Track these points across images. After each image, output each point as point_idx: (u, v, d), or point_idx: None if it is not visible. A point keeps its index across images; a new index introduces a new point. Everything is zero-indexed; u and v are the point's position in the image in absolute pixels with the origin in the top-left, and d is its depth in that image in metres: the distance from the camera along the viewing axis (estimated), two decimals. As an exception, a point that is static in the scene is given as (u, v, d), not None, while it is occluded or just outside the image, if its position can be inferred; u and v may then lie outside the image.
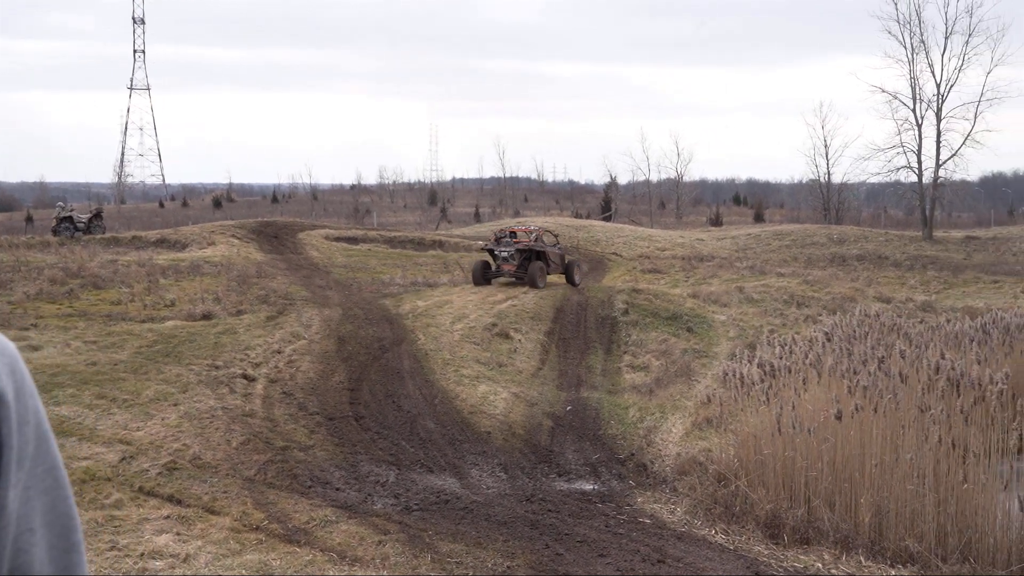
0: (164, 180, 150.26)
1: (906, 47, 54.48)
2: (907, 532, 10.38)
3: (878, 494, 10.82)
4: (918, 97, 54.39)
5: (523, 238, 28.60)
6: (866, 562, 10.20)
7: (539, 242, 28.67)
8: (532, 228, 29.91)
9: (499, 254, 28.06)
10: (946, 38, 53.99)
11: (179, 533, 10.34)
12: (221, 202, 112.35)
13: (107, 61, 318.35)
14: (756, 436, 12.42)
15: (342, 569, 9.67)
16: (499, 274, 28.07)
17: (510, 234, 28.91)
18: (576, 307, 24.40)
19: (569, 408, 16.58)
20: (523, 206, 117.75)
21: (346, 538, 10.49)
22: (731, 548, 10.81)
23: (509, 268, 27.77)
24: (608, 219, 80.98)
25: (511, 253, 27.75)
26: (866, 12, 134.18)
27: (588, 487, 13.12)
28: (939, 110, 54.01)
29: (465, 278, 30.98)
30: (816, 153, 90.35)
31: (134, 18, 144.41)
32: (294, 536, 10.52)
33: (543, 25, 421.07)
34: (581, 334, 22.33)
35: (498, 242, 28.49)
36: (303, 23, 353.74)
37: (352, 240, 45.17)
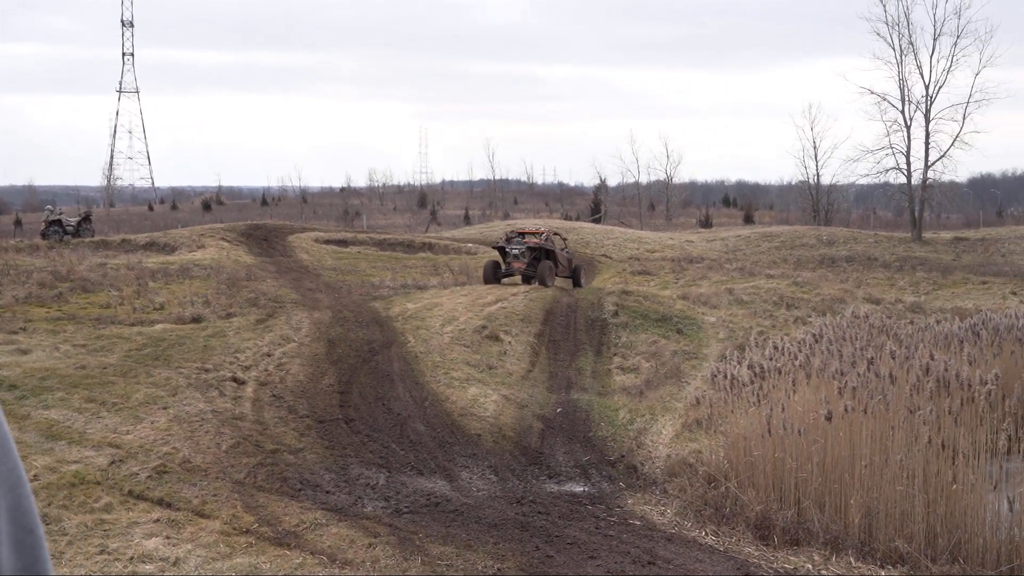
0: (153, 183, 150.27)
1: (895, 49, 54.55)
2: (897, 533, 10.39)
3: (868, 495, 10.84)
4: (907, 99, 54.47)
5: (534, 238, 29.23)
6: (856, 563, 10.21)
7: (549, 242, 29.34)
8: (542, 229, 30.57)
9: (510, 251, 28.74)
10: (934, 40, 54.07)
11: (169, 536, 10.32)
12: (210, 205, 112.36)
13: (96, 64, 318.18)
14: (746, 437, 12.43)
15: (332, 571, 9.66)
16: (510, 272, 28.72)
17: (520, 234, 29.54)
18: (566, 309, 24.41)
19: (559, 410, 16.58)
20: (513, 208, 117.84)
21: (336, 541, 10.48)
22: (721, 549, 10.82)
23: (519, 265, 28.45)
24: (598, 221, 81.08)
25: (522, 251, 28.50)
26: (855, 14, 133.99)
27: (578, 489, 13.12)
28: (928, 111, 54.10)
29: (455, 280, 31.18)
30: (805, 155, 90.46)
31: (123, 21, 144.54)
32: (284, 539, 10.50)
33: (532, 28, 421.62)
34: (571, 336, 22.33)
35: (509, 241, 29.15)
36: (292, 26, 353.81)
37: (342, 243, 45.16)
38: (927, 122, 54.11)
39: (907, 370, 12.76)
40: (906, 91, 54.50)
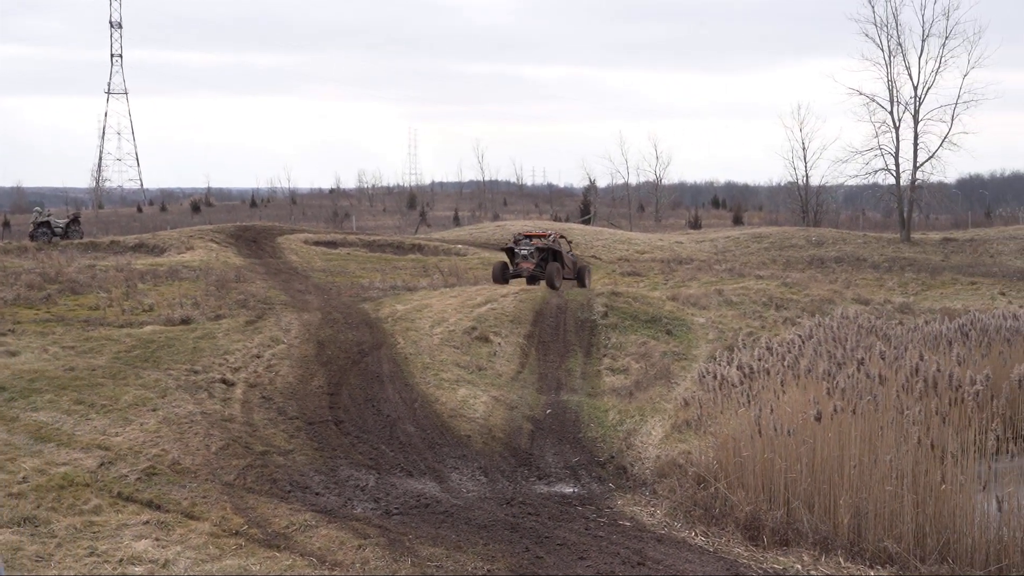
0: (142, 184, 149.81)
1: (883, 50, 54.66)
2: (886, 533, 10.42)
3: (857, 495, 10.86)
4: (895, 99, 54.60)
5: (541, 240, 30.14)
6: (845, 563, 10.24)
7: (556, 244, 30.19)
8: (549, 232, 31.42)
9: (519, 252, 29.70)
10: (923, 41, 54.21)
11: (158, 538, 10.31)
12: (200, 206, 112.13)
13: (84, 65, 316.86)
14: (735, 438, 12.44)
15: (322, 573, 9.66)
16: (518, 274, 29.60)
17: (527, 236, 30.59)
18: (556, 310, 24.40)
19: (549, 411, 16.59)
20: (502, 209, 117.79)
21: (326, 542, 10.48)
22: (711, 550, 10.84)
23: (528, 266, 29.37)
24: (587, 222, 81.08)
25: (531, 251, 29.48)
26: (844, 15, 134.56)
27: (568, 490, 13.13)
28: (916, 112, 54.23)
29: (445, 282, 31.27)
30: (794, 156, 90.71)
31: (111, 22, 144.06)
32: (274, 541, 10.49)
33: (521, 29, 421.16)
34: (561, 337, 22.33)
35: (517, 243, 30.15)
36: (281, 26, 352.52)
37: (331, 244, 45.15)
38: (916, 123, 54.27)
39: (896, 371, 12.80)
40: (895, 92, 54.68)
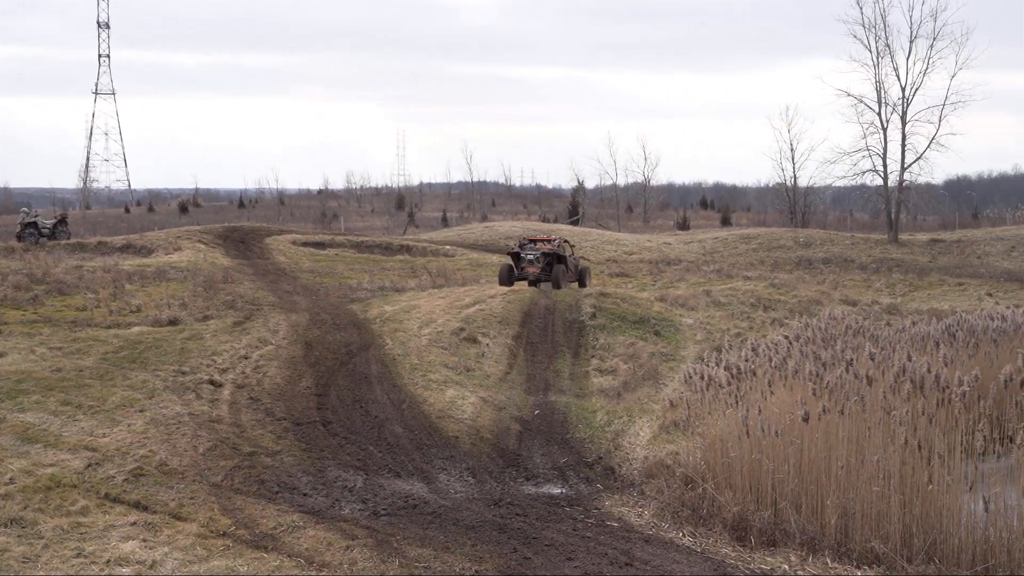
0: (130, 185, 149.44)
1: (871, 51, 54.78)
2: (873, 533, 10.44)
3: (844, 496, 10.88)
4: (883, 101, 54.72)
5: (546, 245, 31.34)
6: (832, 563, 10.26)
7: (560, 248, 31.27)
8: (553, 237, 33.05)
9: (525, 257, 30.59)
10: (911, 42, 54.35)
11: (145, 539, 10.29)
12: (187, 207, 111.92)
13: (72, 66, 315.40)
14: (723, 439, 12.46)
15: (310, 574, 9.65)
16: (523, 277, 30.31)
17: (532, 241, 31.91)
18: (544, 311, 24.42)
19: (537, 412, 16.59)
20: (491, 210, 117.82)
21: (314, 543, 10.47)
22: (698, 550, 10.85)
23: (534, 270, 30.26)
24: (576, 223, 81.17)
25: (537, 256, 30.42)
26: (832, 16, 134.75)
27: (556, 491, 13.13)
28: (904, 113, 54.36)
29: (433, 283, 31.36)
30: (782, 157, 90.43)
31: (99, 22, 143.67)
32: (261, 542, 10.48)
33: (510, 30, 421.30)
34: (549, 338, 22.34)
35: (523, 247, 31.17)
36: (269, 27, 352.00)
37: (319, 245, 45.12)
38: (903, 124, 54.39)
39: (883, 371, 12.82)
40: (883, 93, 54.81)
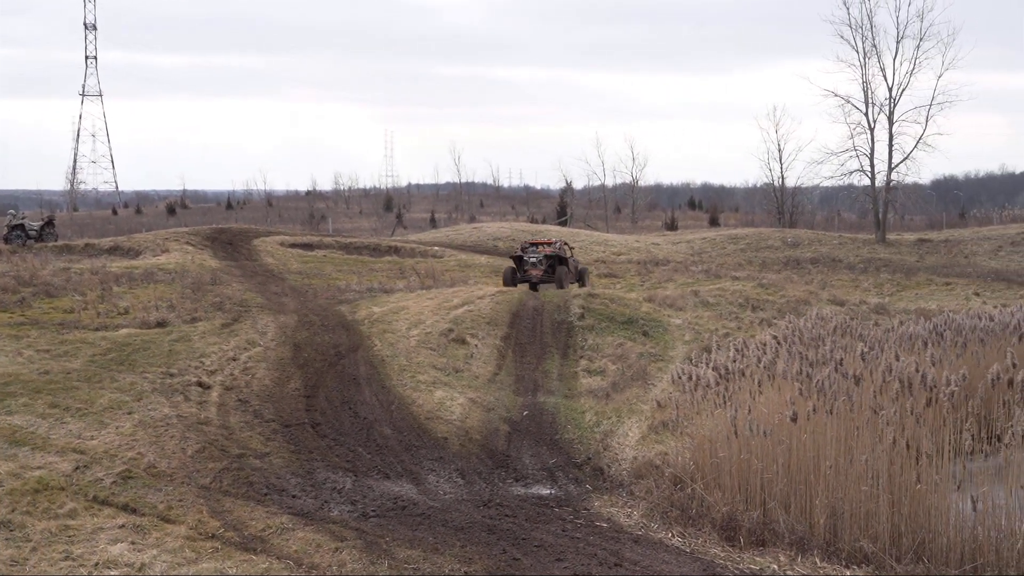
0: (117, 187, 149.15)
1: (858, 51, 54.84)
2: (862, 533, 10.46)
3: (833, 495, 10.91)
4: (870, 101, 54.80)
5: (549, 247, 32.47)
6: (821, 563, 10.27)
7: (562, 251, 32.42)
8: (554, 240, 34.21)
9: (528, 259, 31.68)
10: (897, 42, 54.42)
11: (134, 542, 10.27)
12: (175, 209, 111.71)
13: (58, 67, 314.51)
14: (712, 439, 12.48)
15: (299, 575, 9.65)
16: (527, 279, 31.27)
17: (534, 244, 33.03)
18: (532, 312, 24.43)
19: (526, 413, 16.60)
20: (479, 211, 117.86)
21: (303, 545, 10.45)
22: (687, 551, 10.86)
23: (537, 273, 31.32)
24: (564, 224, 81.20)
25: (539, 259, 31.53)
26: (819, 16, 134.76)
27: (545, 492, 13.14)
28: (891, 114, 54.45)
29: (421, 284, 31.45)
30: (770, 157, 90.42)
31: (85, 24, 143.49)
32: (250, 544, 10.47)
33: (497, 30, 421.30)
34: (537, 339, 22.35)
35: (525, 251, 32.25)
36: (256, 30, 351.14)
37: (307, 246, 45.04)
38: (890, 124, 54.49)
39: (872, 371, 12.85)
40: (870, 93, 54.90)
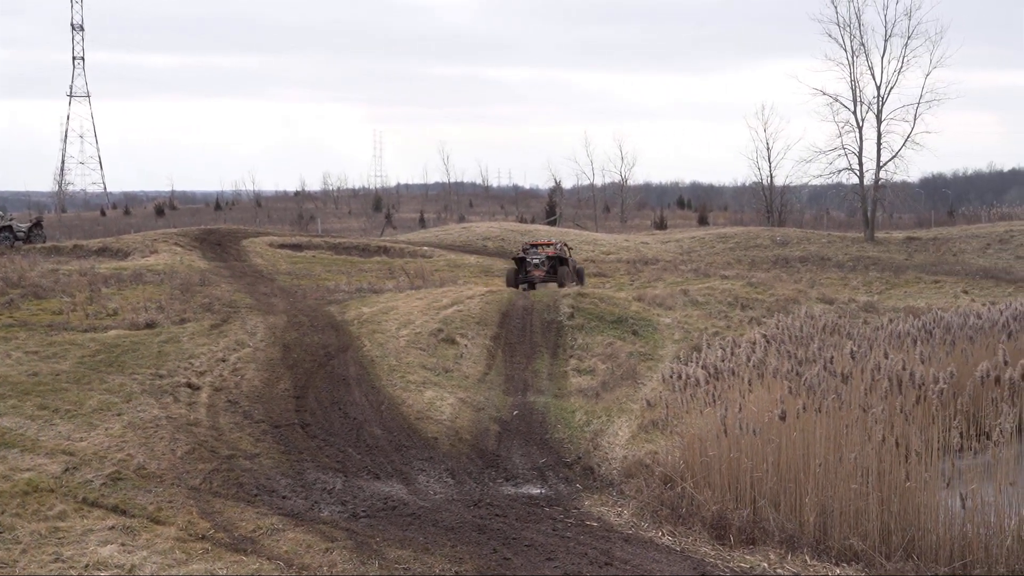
0: (105, 188, 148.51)
1: (846, 50, 54.79)
2: (851, 531, 10.49)
3: (822, 494, 10.93)
4: (859, 99, 54.77)
5: (550, 249, 33.10)
6: (811, 561, 10.30)
7: (562, 251, 33.08)
8: (555, 241, 34.97)
9: (531, 260, 32.16)
10: (886, 41, 54.41)
11: (124, 544, 10.25)
12: (163, 210, 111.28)
13: (46, 68, 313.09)
14: (701, 438, 12.50)
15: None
16: (529, 279, 31.67)
17: (534, 245, 33.75)
18: (522, 312, 24.43)
19: (516, 413, 16.60)
20: (468, 211, 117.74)
21: (293, 546, 10.45)
22: (678, 549, 10.88)
23: (540, 273, 31.80)
24: (553, 223, 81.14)
25: (542, 260, 32.05)
26: (807, 15, 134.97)
27: (535, 491, 13.15)
28: (879, 112, 54.45)
29: (411, 284, 31.44)
30: (759, 156, 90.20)
31: (72, 24, 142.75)
32: (240, 545, 10.46)
33: (486, 30, 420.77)
34: (527, 339, 22.36)
35: (526, 252, 32.85)
36: (244, 30, 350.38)
37: (296, 247, 44.97)
38: (879, 123, 54.50)
39: (861, 369, 12.88)
40: (858, 92, 54.88)
